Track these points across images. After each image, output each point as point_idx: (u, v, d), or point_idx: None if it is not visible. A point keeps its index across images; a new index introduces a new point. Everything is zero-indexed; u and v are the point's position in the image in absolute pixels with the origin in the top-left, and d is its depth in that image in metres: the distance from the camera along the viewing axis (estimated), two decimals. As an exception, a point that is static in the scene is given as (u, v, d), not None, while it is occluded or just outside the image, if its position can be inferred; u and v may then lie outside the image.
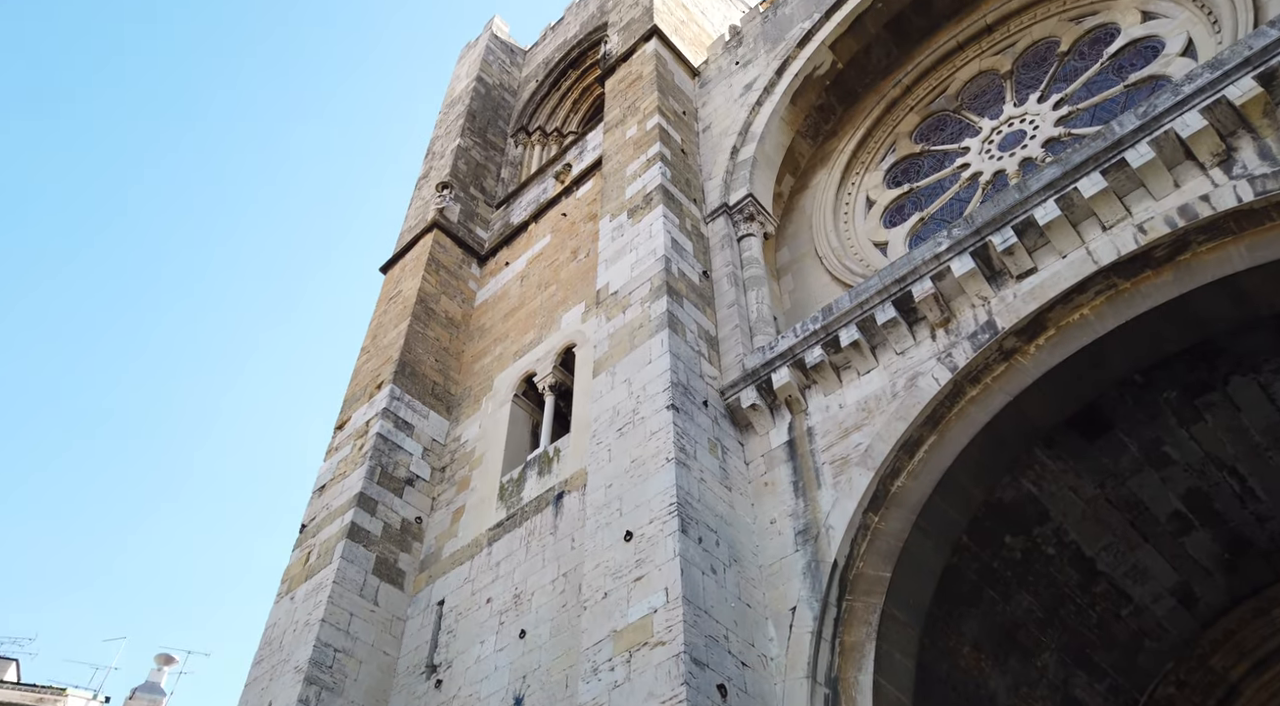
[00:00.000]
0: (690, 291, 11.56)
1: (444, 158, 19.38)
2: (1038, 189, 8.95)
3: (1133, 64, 11.50)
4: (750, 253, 12.63)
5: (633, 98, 15.29)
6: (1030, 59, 13.13)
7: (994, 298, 8.99)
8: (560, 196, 16.81)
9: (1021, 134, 12.22)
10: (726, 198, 13.48)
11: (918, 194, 13.05)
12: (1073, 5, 12.79)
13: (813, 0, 15.20)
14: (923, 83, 14.30)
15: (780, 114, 14.47)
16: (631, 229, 12.45)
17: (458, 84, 22.63)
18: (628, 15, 17.68)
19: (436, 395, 14.11)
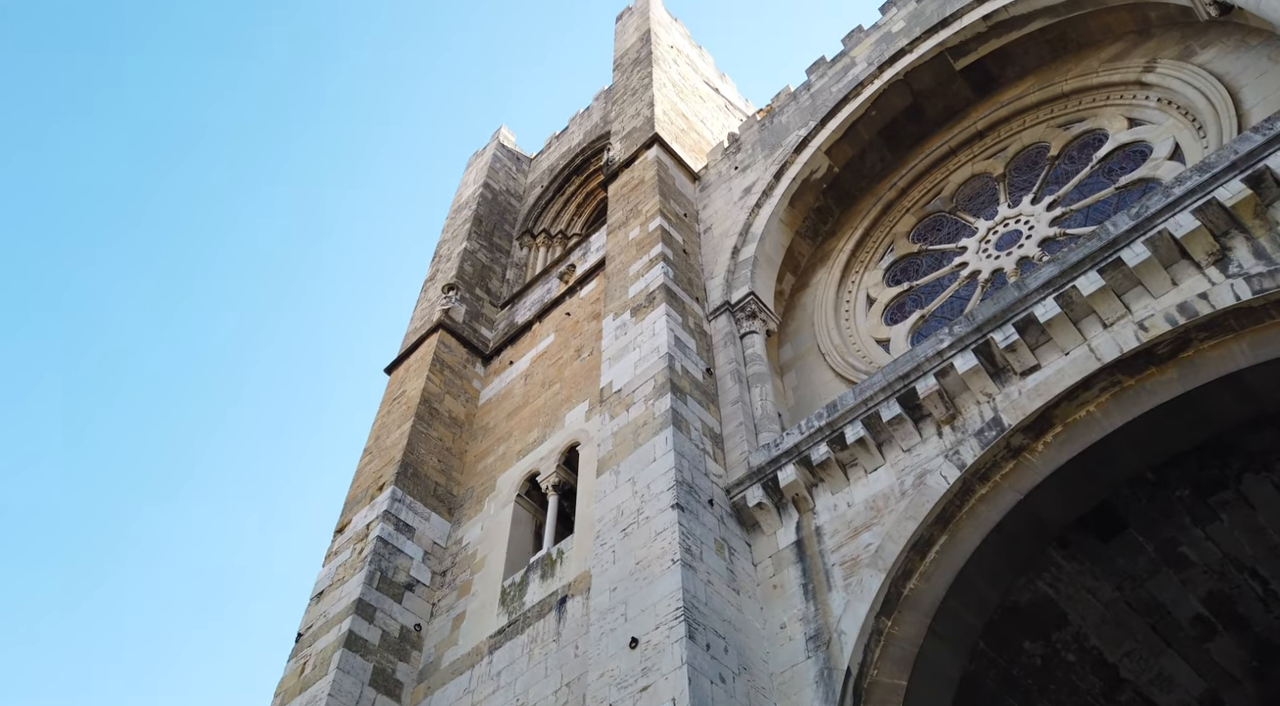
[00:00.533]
0: (694, 389, 11.57)
1: (450, 260, 19.78)
2: (1036, 287, 9.06)
3: (1122, 167, 11.83)
4: (753, 350, 12.70)
5: (635, 200, 15.71)
6: (1021, 163, 13.52)
7: (999, 394, 8.97)
8: (564, 296, 17.04)
9: (1017, 234, 12.46)
10: (728, 296, 13.66)
11: (918, 292, 13.21)
12: (1060, 112, 13.27)
13: (807, 109, 15.80)
14: (918, 185, 14.69)
15: (779, 215, 14.82)
16: (635, 327, 12.56)
17: (465, 190, 23.32)
18: (630, 124, 18.36)
19: (439, 496, 13.93)
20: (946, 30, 14.02)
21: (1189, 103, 11.25)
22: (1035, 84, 13.68)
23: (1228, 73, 10.80)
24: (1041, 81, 13.61)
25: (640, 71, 19.93)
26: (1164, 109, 11.75)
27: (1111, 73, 12.58)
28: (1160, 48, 12.05)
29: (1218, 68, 10.99)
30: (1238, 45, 10.93)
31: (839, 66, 15.87)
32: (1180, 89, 11.41)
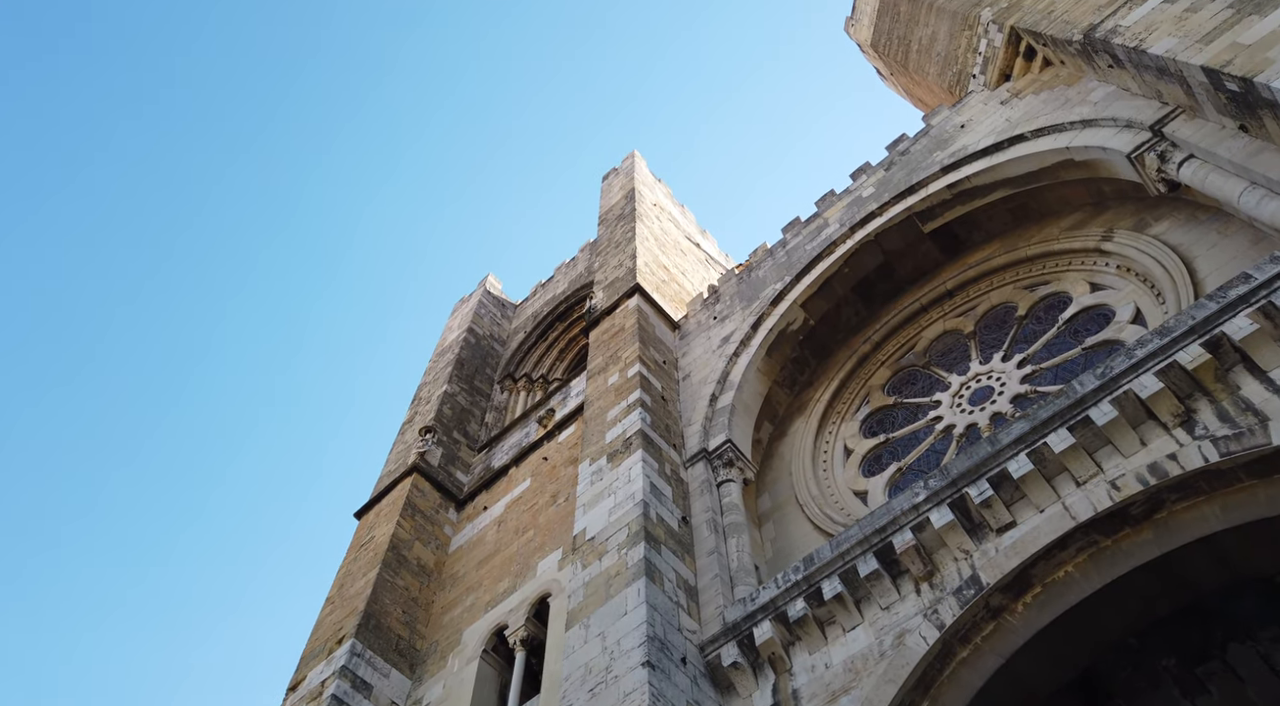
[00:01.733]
0: (669, 538, 11.32)
1: (430, 403, 19.77)
2: (1009, 442, 9.11)
3: (1088, 329, 12.20)
4: (730, 498, 12.54)
5: (615, 347, 15.94)
6: (991, 321, 13.92)
7: (975, 551, 8.82)
8: (542, 440, 16.94)
9: (990, 390, 12.66)
10: (706, 443, 13.63)
11: (894, 444, 13.24)
12: (1025, 275, 13.81)
13: (784, 265, 16.38)
14: (891, 340, 15.04)
15: (756, 365, 15.05)
16: (610, 473, 12.43)
17: (449, 334, 23.66)
18: (613, 274, 18.92)
19: (400, 651, 13.21)
20: (914, 196, 14.79)
21: (1146, 270, 11.76)
22: (1001, 248, 14.31)
23: (1181, 244, 11.37)
24: (1007, 246, 14.24)
25: (624, 226, 20.77)
26: (1124, 275, 12.26)
27: (1072, 240, 13.21)
28: (1116, 219, 12.73)
29: (1172, 239, 11.58)
30: (1189, 219, 11.56)
31: (812, 226, 16.61)
32: (1137, 257, 11.96)
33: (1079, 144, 12.50)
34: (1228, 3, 10.32)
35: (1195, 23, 10.52)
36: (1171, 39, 10.64)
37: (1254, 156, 9.68)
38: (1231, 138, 10.13)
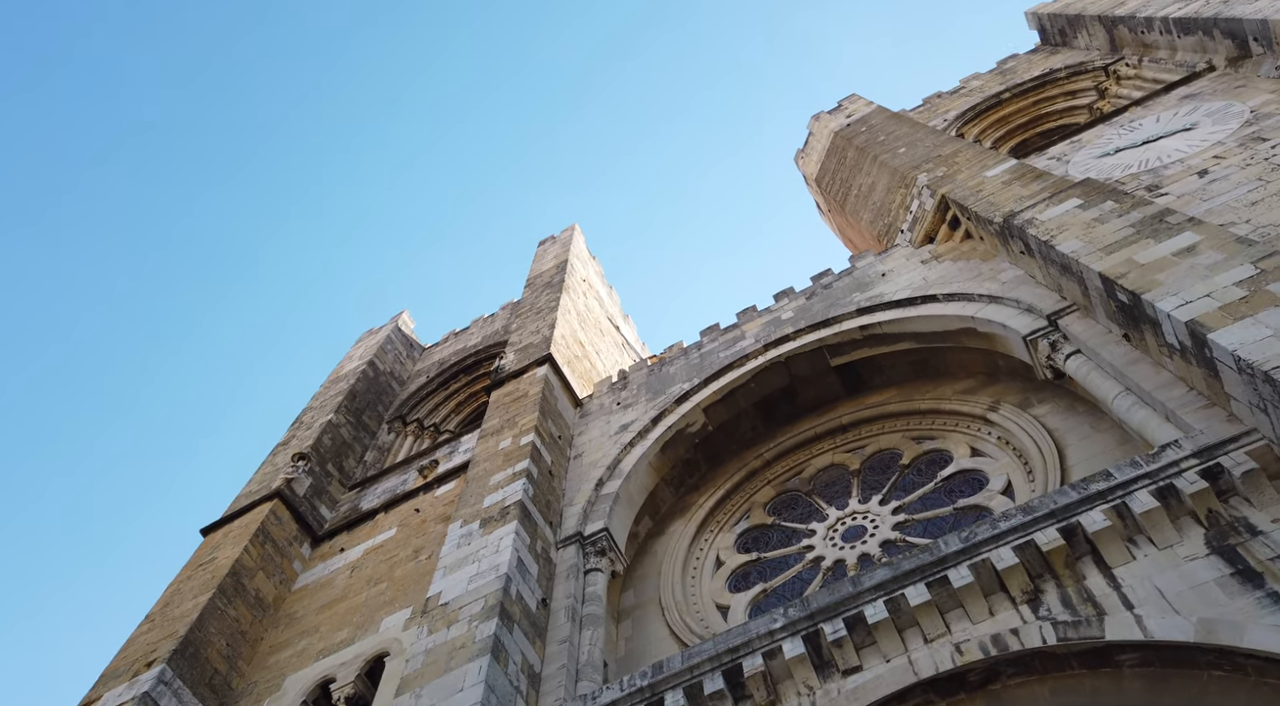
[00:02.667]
0: (524, 618, 11.04)
1: (311, 429, 19.05)
2: (870, 587, 9.35)
3: (961, 490, 12.78)
4: (594, 588, 12.38)
5: (514, 412, 15.80)
6: (876, 463, 14.43)
7: (819, 689, 8.91)
8: (418, 491, 16.48)
9: (863, 529, 13.03)
10: (583, 527, 13.50)
11: (764, 564, 13.40)
12: (915, 427, 14.43)
13: (695, 366, 16.71)
14: (782, 461, 15.38)
15: (650, 458, 15.13)
16: (480, 539, 12.15)
17: (349, 363, 23.03)
18: (528, 339, 18.90)
19: (214, 686, 12.31)
20: (828, 329, 15.42)
21: (1023, 447, 12.48)
22: (897, 396, 14.97)
23: (1057, 429, 12.14)
24: (903, 395, 14.91)
25: (549, 294, 20.89)
26: (1002, 447, 12.97)
27: (962, 404, 13.94)
28: (1005, 393, 13.53)
29: (1050, 422, 12.36)
30: (1067, 407, 12.39)
31: (730, 336, 17.07)
32: (1017, 433, 12.69)
33: (983, 317, 13.35)
34: (1131, 222, 11.37)
35: (1101, 233, 11.52)
36: (1078, 242, 11.60)
37: (1131, 365, 10.52)
38: (1115, 343, 11.00)
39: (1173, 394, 9.84)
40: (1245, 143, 13.58)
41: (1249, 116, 14.28)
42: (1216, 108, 15.12)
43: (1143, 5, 18.64)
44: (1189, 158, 14.02)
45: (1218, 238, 10.19)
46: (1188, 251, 10.21)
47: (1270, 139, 13.30)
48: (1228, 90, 15.55)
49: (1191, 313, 9.22)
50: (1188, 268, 9.93)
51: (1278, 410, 8.07)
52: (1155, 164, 14.40)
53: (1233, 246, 9.89)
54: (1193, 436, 9.08)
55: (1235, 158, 13.32)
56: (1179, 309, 9.37)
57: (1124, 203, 11.94)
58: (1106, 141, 16.22)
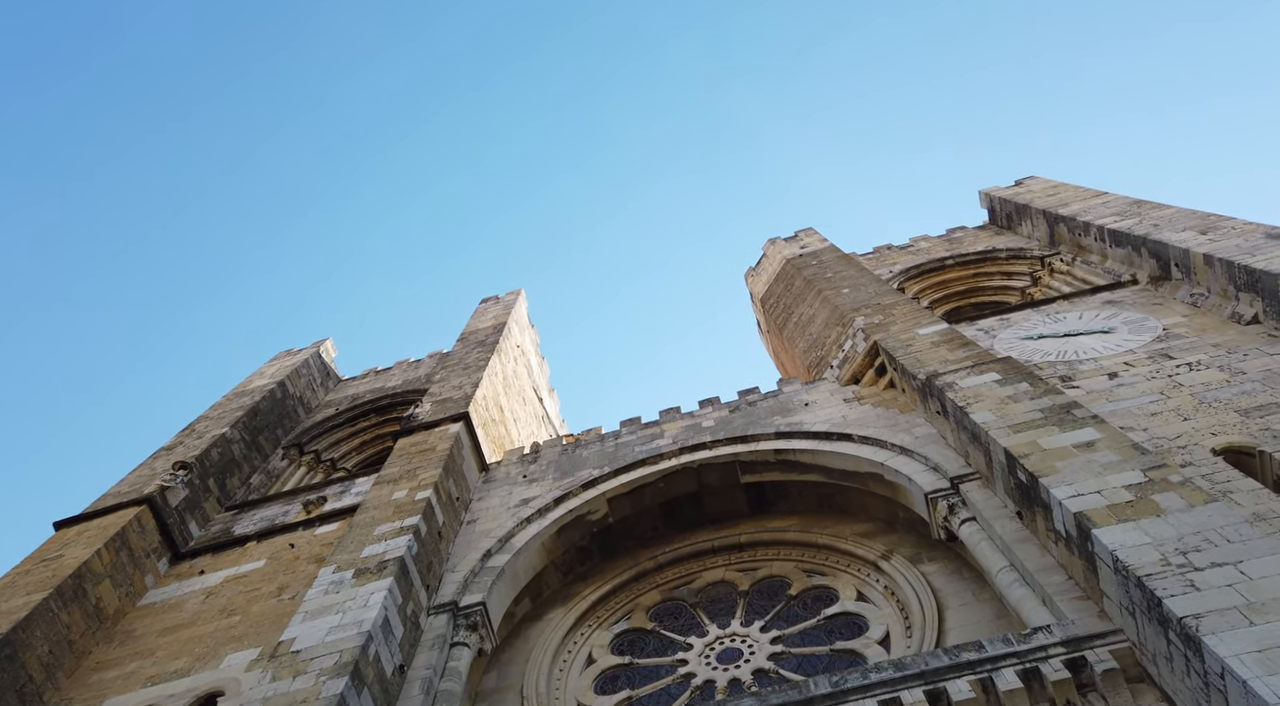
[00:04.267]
0: (377, 682, 10.51)
1: (201, 439, 18.22)
2: (734, 714, 9.25)
3: (841, 632, 12.87)
4: (457, 664, 11.91)
5: (417, 464, 15.42)
6: (765, 588, 14.45)
7: (663, 813, 8.66)
8: (299, 526, 15.81)
9: (739, 653, 12.94)
10: (460, 597, 13.08)
11: (636, 670, 13.14)
12: (809, 560, 14.57)
13: (609, 455, 16.67)
14: (675, 567, 15.28)
15: (544, 539, 14.86)
16: (350, 589, 11.64)
17: (257, 380, 22.27)
18: (449, 393, 18.63)
19: (24, 695, 11.27)
20: (744, 446, 15.65)
21: (906, 600, 12.70)
22: (798, 525, 15.14)
23: (942, 590, 12.42)
24: (804, 525, 15.10)
25: (480, 353, 20.74)
26: (887, 597, 13.17)
27: (857, 546, 14.18)
28: (899, 544, 13.83)
29: (936, 582, 12.64)
30: (954, 571, 12.72)
31: (649, 431, 17.14)
32: (904, 586, 12.94)
33: (892, 466, 13.75)
34: (1041, 407, 12.00)
35: (1012, 410, 12.12)
36: (991, 414, 12.16)
37: (1020, 543, 10.92)
38: (1008, 518, 11.43)
39: (1052, 579, 10.22)
40: (1154, 357, 14.60)
41: (1161, 333, 15.39)
42: (1134, 319, 16.28)
43: (1084, 210, 20.16)
44: (1102, 359, 14.98)
45: (1116, 440, 10.82)
46: (1087, 446, 10.79)
47: (1176, 358, 14.33)
48: (1146, 305, 16.78)
49: (1081, 505, 9.69)
50: (1084, 461, 10.47)
51: (1145, 617, 8.44)
52: (1072, 357, 15.32)
53: (1128, 451, 10.50)
54: (1064, 625, 9.41)
55: (1143, 368, 14.29)
56: (1071, 499, 9.83)
57: (1038, 387, 12.62)
58: (1032, 326, 17.24)
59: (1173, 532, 8.88)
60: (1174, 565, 8.42)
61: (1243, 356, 13.73)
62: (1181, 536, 8.79)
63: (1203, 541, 8.65)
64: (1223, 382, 13.11)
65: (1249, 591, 7.90)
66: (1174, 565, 8.42)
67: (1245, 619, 7.60)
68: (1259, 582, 7.97)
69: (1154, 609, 8.20)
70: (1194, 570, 8.31)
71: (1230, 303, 15.21)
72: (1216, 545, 8.57)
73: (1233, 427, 11.85)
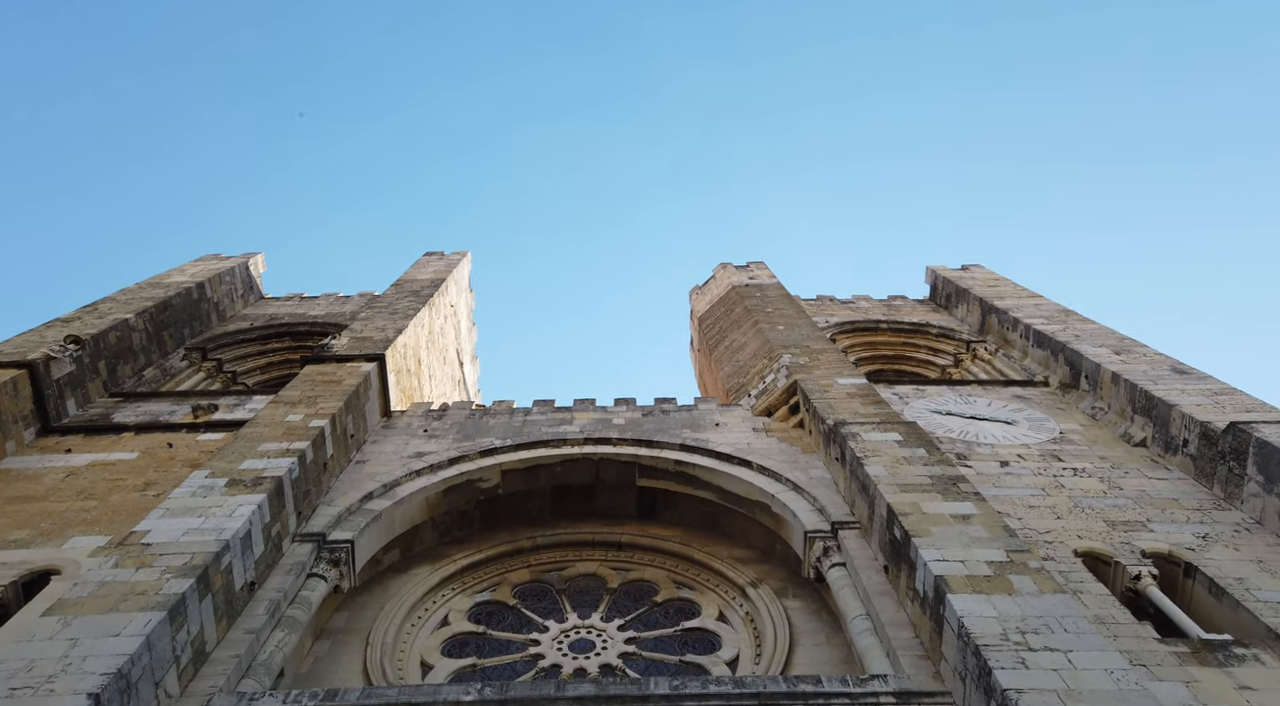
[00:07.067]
0: (223, 593, 10.25)
1: (102, 319, 17.53)
2: (569, 696, 9.34)
3: (694, 646, 13.09)
4: (309, 594, 11.70)
5: (320, 392, 15.14)
6: (633, 590, 14.61)
7: (477, 776, 8.68)
8: (182, 428, 15.33)
9: (592, 645, 13.04)
10: (329, 531, 12.86)
11: (487, 641, 13.11)
12: (681, 573, 14.78)
13: (515, 429, 16.63)
14: (551, 551, 15.32)
15: (429, 494, 14.73)
16: (219, 497, 11.35)
17: (177, 275, 21.54)
18: (370, 332, 18.35)
19: None
20: (648, 450, 15.81)
21: (763, 630, 13.00)
22: (680, 538, 15.36)
23: (798, 627, 12.75)
24: (685, 539, 15.32)
25: (411, 302, 20.48)
26: (746, 622, 13.46)
27: (730, 568, 14.46)
28: (770, 575, 14.15)
29: (795, 618, 12.98)
30: (814, 611, 13.08)
31: (559, 416, 17.18)
32: (764, 615, 13.24)
33: (782, 499, 14.08)
34: (931, 474, 12.46)
35: (905, 471, 12.55)
36: (884, 470, 12.59)
37: (880, 596, 11.30)
38: (875, 571, 11.83)
39: (901, 635, 10.60)
40: (1045, 456, 15.32)
41: (1057, 435, 16.16)
42: (1037, 417, 17.05)
43: (1017, 307, 21.06)
44: (999, 446, 15.64)
45: (990, 519, 11.32)
46: (963, 519, 11.27)
47: (1065, 462, 15.06)
48: (1051, 407, 17.60)
49: (944, 570, 10.10)
50: (957, 532, 10.93)
51: (974, 683, 8.85)
52: (972, 438, 15.97)
53: (999, 531, 11.01)
54: (900, 677, 9.78)
55: (1033, 463, 14.97)
56: (936, 562, 10.25)
57: (933, 455, 13.13)
58: (944, 402, 17.89)
59: (1018, 612, 9.34)
60: (1011, 642, 8.86)
61: (1124, 473, 14.51)
62: (1025, 617, 9.25)
63: (1043, 626, 9.12)
64: (1100, 493, 13.83)
65: (1071, 679, 8.35)
66: (1011, 642, 8.86)
67: (1061, 702, 8.03)
68: (1082, 673, 8.44)
69: (984, 677, 8.60)
70: (1028, 650, 8.75)
71: (1125, 422, 16.07)
72: (1054, 632, 9.04)
73: (1098, 535, 12.51)
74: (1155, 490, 13.77)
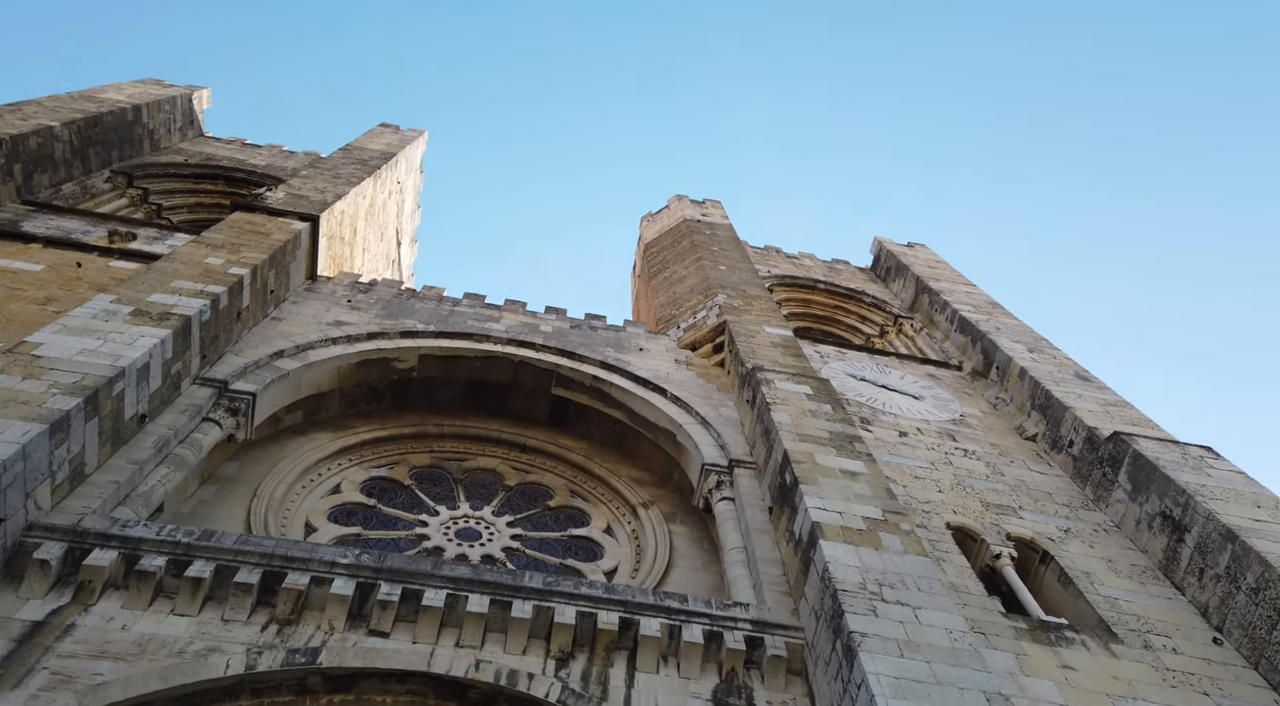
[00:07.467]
0: (110, 419, 10.08)
1: (26, 121, 16.56)
2: (444, 575, 9.57)
3: (576, 552, 13.49)
4: (201, 437, 11.58)
5: (245, 241, 14.71)
6: (528, 491, 14.89)
7: (338, 633, 8.89)
8: (95, 250, 14.76)
9: (478, 535, 13.32)
10: (233, 380, 12.68)
11: (375, 515, 13.25)
12: (579, 484, 15.10)
13: (441, 317, 16.52)
14: (456, 441, 15.45)
15: (342, 364, 14.61)
16: (121, 323, 11.05)
17: (113, 93, 20.37)
18: (308, 192, 17.80)
19: None
20: (569, 361, 15.93)
21: (645, 548, 13.45)
22: (584, 451, 15.64)
23: (679, 551, 13.22)
24: (589, 453, 15.61)
25: (357, 170, 19.88)
26: (631, 539, 13.90)
27: (626, 487, 14.83)
28: (663, 499, 14.58)
29: (678, 543, 13.43)
30: (697, 539, 13.58)
31: (487, 312, 17.11)
32: (649, 535, 13.69)
33: (688, 430, 14.41)
34: (832, 430, 12.93)
35: (808, 423, 12.97)
36: (788, 418, 12.98)
37: (759, 533, 11.78)
38: (760, 511, 12.31)
39: (771, 572, 11.12)
40: (942, 434, 15.99)
41: (958, 417, 16.86)
42: (943, 397, 17.72)
43: (949, 291, 21.64)
44: (901, 418, 16.25)
45: (876, 480, 11.84)
46: (851, 475, 11.75)
47: (958, 442, 15.76)
48: (958, 390, 18.30)
49: (822, 518, 10.58)
50: (843, 486, 11.41)
51: (826, 623, 9.36)
52: (878, 406, 16.54)
53: (881, 491, 11.54)
54: (760, 608, 10.30)
55: (929, 439, 15.63)
56: (816, 509, 10.71)
57: (838, 413, 13.59)
58: (861, 368, 18.42)
59: (880, 566, 9.89)
60: (868, 591, 9.40)
61: (1009, 462, 15.29)
62: (885, 572, 9.80)
63: (900, 582, 9.69)
64: (984, 475, 14.57)
65: (913, 632, 8.94)
66: (868, 591, 9.40)
67: (899, 651, 8.61)
68: (924, 629, 9.04)
69: (836, 618, 9.13)
70: (881, 601, 9.30)
71: (1022, 416, 16.85)
72: (909, 589, 9.62)
73: (971, 513, 13.22)
74: (1034, 482, 14.57)
